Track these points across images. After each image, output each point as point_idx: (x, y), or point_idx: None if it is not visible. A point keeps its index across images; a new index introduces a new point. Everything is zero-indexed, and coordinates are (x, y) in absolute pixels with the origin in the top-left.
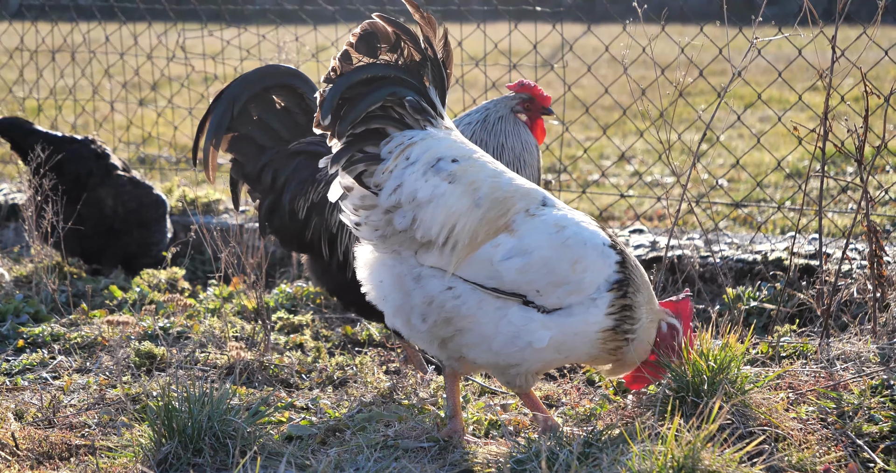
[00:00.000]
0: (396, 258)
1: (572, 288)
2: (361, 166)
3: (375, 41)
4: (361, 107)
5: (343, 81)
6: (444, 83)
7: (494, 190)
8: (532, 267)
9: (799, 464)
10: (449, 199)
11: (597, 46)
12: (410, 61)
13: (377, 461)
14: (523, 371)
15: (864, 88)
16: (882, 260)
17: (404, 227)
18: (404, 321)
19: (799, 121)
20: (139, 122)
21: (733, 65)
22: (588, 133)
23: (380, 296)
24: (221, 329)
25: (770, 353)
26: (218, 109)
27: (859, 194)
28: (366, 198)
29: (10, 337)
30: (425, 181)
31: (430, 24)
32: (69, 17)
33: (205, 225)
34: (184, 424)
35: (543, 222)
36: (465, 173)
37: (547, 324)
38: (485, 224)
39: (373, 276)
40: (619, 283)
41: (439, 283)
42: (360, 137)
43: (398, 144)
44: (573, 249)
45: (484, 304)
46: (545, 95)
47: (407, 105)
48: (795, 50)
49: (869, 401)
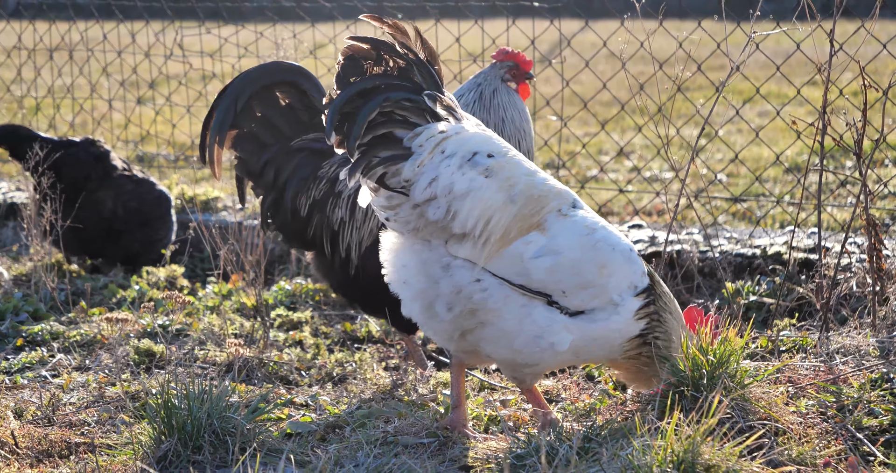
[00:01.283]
0: (425, 245)
1: (597, 292)
2: (381, 170)
3: (360, 62)
4: (360, 119)
5: (337, 102)
6: (435, 80)
7: (530, 188)
8: (561, 267)
9: (799, 458)
10: (486, 193)
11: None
12: (398, 68)
13: (377, 457)
14: (539, 371)
15: (863, 81)
16: (881, 254)
17: (438, 218)
18: (424, 307)
19: (798, 115)
20: (137, 120)
21: (732, 60)
22: (586, 129)
23: (400, 279)
24: (220, 327)
25: (769, 347)
26: (221, 106)
27: (858, 187)
28: (392, 198)
29: (9, 336)
30: (462, 174)
31: (398, 29)
32: (67, 15)
33: (203, 223)
34: (183, 421)
35: (575, 223)
36: (502, 169)
37: (570, 327)
38: (518, 220)
39: (396, 259)
40: (647, 291)
41: (469, 274)
42: (371, 145)
43: (429, 138)
44: (602, 252)
45: (510, 300)
46: (528, 61)
47: (419, 104)
48: (794, 44)
49: (869, 395)
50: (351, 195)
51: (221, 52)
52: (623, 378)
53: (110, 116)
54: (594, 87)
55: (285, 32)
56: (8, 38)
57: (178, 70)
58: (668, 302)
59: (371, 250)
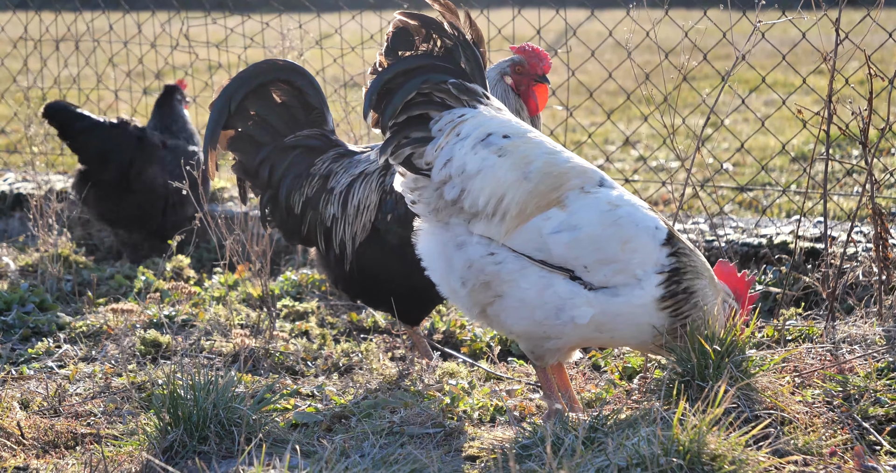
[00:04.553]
0: (443, 227)
1: (620, 267)
2: (408, 150)
3: (409, 36)
4: (398, 98)
5: (381, 77)
6: (480, 63)
7: (548, 166)
8: (580, 243)
9: (805, 447)
10: (498, 171)
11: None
12: (444, 48)
13: (382, 447)
14: (560, 345)
15: (869, 70)
16: (887, 243)
17: (453, 197)
18: (446, 286)
19: (803, 104)
20: (144, 111)
21: (737, 49)
22: (592, 118)
23: (427, 265)
24: (227, 317)
25: (776, 336)
26: (215, 107)
27: (864, 176)
28: (418, 180)
29: (15, 326)
30: (474, 154)
31: (450, 9)
32: (73, 6)
33: (210, 213)
34: (189, 412)
35: (596, 200)
36: (518, 148)
37: (591, 301)
38: (534, 197)
39: (421, 246)
40: (674, 270)
41: (482, 249)
42: (404, 124)
43: (448, 122)
44: (624, 228)
45: (527, 271)
46: (539, 63)
47: (451, 88)
48: (800, 33)
49: (875, 384)
50: (343, 191)
51: (227, 42)
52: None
53: (116, 106)
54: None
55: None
56: (14, 29)
57: (185, 60)
58: (697, 277)
59: (365, 245)
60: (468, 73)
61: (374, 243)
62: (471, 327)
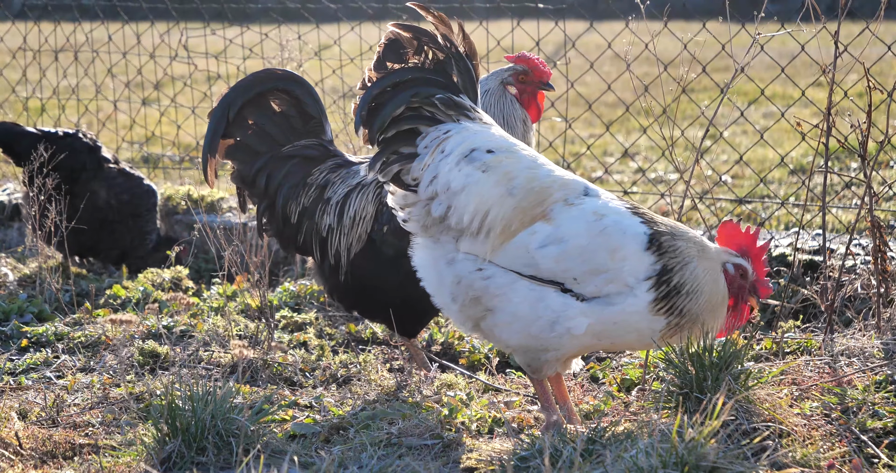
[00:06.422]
0: (436, 243)
1: (611, 276)
2: (396, 167)
3: (400, 48)
4: (385, 112)
5: (370, 92)
6: (472, 76)
7: (531, 181)
8: (568, 255)
9: (803, 460)
10: (482, 187)
11: (600, 43)
12: (435, 61)
13: (381, 459)
14: (559, 356)
15: (868, 83)
16: (886, 255)
17: (440, 214)
18: (442, 302)
19: (802, 117)
20: (142, 121)
21: (736, 61)
22: (591, 130)
23: (422, 276)
24: (225, 328)
25: (774, 349)
26: (214, 115)
27: (863, 189)
28: (407, 196)
29: (13, 337)
30: (458, 171)
31: (443, 21)
32: (72, 16)
33: (208, 224)
34: (187, 423)
35: (582, 211)
36: (501, 164)
37: (585, 312)
38: (519, 213)
39: (417, 259)
40: (662, 271)
41: (470, 265)
42: (393, 139)
43: (434, 139)
44: (612, 237)
45: (516, 285)
46: (544, 70)
47: (438, 103)
48: (798, 46)
49: (873, 397)
50: (339, 202)
51: (226, 53)
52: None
53: (115, 117)
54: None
55: (290, 34)
56: (13, 39)
57: (184, 71)
58: (685, 265)
59: (361, 255)
60: (459, 86)
61: (370, 253)
62: (469, 338)
